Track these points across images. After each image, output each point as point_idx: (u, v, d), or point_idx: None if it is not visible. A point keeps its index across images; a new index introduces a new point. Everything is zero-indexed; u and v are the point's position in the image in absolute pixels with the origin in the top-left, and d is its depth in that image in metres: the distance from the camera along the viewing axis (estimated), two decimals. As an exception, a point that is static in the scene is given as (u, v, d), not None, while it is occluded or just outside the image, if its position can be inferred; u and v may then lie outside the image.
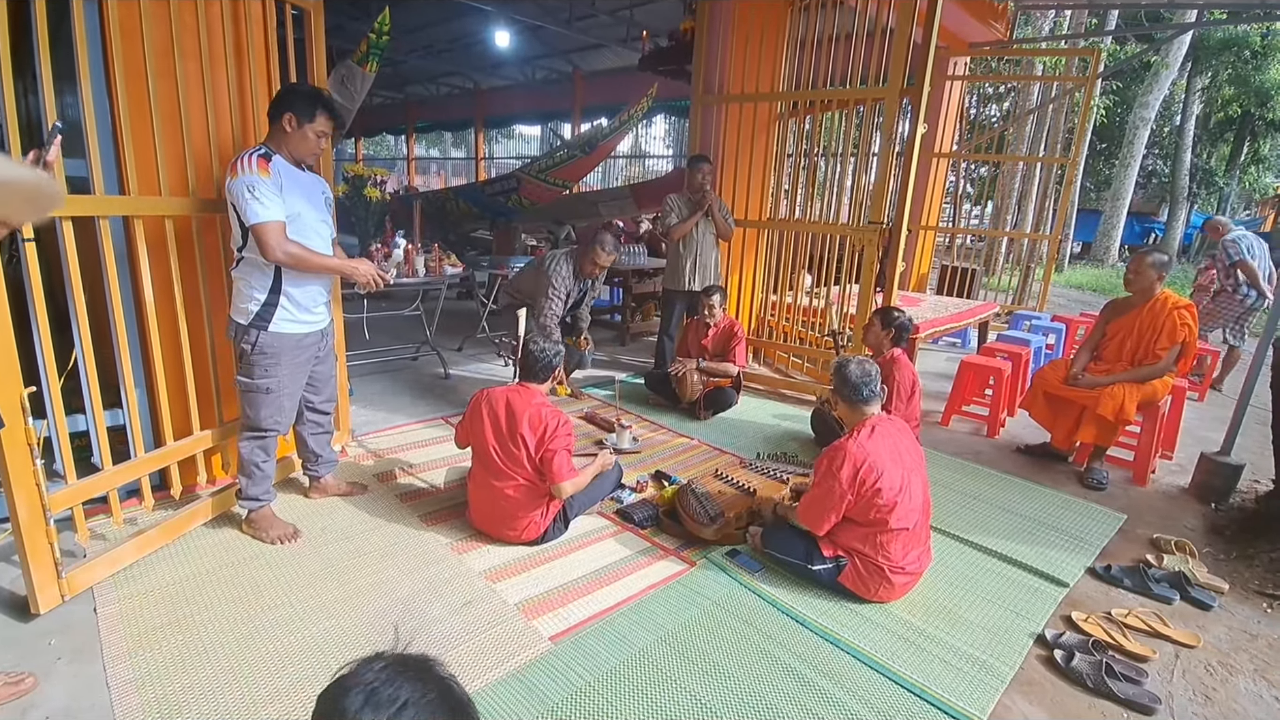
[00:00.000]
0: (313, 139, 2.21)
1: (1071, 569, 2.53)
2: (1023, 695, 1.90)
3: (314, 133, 2.20)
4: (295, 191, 2.20)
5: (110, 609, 2.01)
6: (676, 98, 7.69)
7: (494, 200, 7.25)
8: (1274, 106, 13.61)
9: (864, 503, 2.15)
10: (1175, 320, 3.21)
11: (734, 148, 4.59)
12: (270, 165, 2.11)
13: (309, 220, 2.26)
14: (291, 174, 2.20)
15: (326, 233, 2.38)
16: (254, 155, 2.10)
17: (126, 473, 2.27)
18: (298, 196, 2.21)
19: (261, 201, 2.06)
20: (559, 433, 2.38)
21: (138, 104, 2.20)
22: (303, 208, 2.23)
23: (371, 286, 2.47)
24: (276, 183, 2.11)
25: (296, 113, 2.15)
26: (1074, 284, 12.10)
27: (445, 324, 5.39)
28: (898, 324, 3.22)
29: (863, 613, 2.21)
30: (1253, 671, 2.06)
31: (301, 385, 2.44)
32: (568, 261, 3.83)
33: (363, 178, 6.16)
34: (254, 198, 2.05)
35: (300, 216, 2.22)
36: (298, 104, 2.16)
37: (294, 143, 2.19)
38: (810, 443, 3.66)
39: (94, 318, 2.14)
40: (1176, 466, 3.65)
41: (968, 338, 6.32)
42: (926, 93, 3.58)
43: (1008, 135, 9.01)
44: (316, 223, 2.32)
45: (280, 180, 2.13)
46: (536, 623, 2.07)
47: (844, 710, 1.79)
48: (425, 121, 15.86)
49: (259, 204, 2.06)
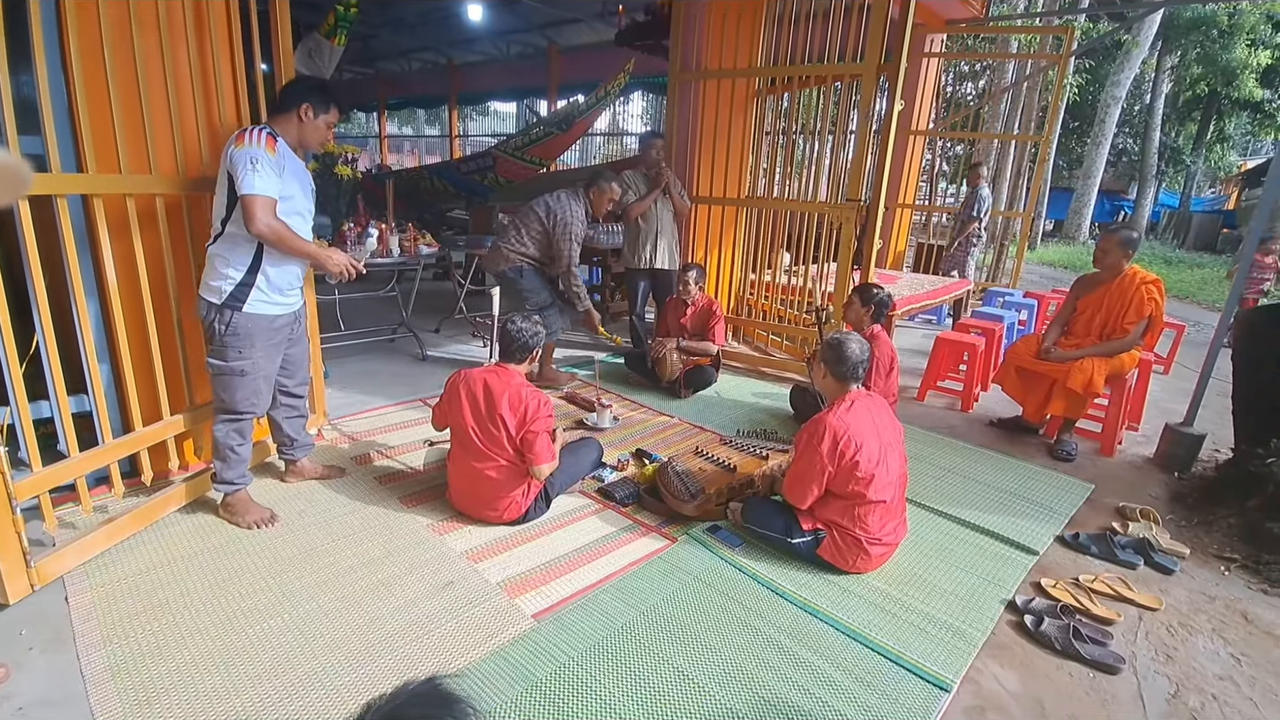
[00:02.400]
0: (324, 130, 2.30)
1: (1041, 537, 2.61)
2: (994, 659, 1.96)
3: (326, 124, 2.29)
4: (293, 176, 2.23)
5: (82, 598, 1.97)
6: (654, 74, 7.60)
7: (469, 179, 7.13)
8: (1239, 85, 13.87)
9: (843, 475, 2.18)
10: (1143, 295, 3.29)
11: (712, 125, 4.55)
12: (277, 145, 2.14)
13: (299, 205, 2.28)
14: (292, 159, 2.24)
15: (309, 220, 2.38)
16: (263, 131, 2.11)
17: (94, 459, 2.22)
18: (294, 181, 2.24)
19: (261, 174, 2.07)
20: (539, 414, 2.37)
21: (94, 79, 2.11)
22: (296, 192, 2.25)
23: (344, 277, 2.44)
24: (279, 163, 2.13)
25: (314, 104, 2.23)
26: (1046, 261, 12.33)
27: (422, 305, 5.32)
28: (877, 300, 3.24)
29: (841, 584, 2.25)
30: (1210, 631, 2.15)
31: (276, 367, 2.40)
32: (576, 201, 3.70)
33: (334, 155, 6.00)
34: (254, 169, 2.06)
35: (293, 199, 2.23)
36: (315, 96, 2.24)
37: (307, 132, 2.26)
38: (790, 419, 3.70)
39: (55, 301, 2.07)
40: (1142, 438, 3.76)
41: (943, 314, 6.41)
42: (903, 70, 3.58)
43: (983, 113, 9.06)
44: (305, 209, 2.33)
45: (284, 162, 2.16)
46: (519, 601, 2.08)
47: (823, 677, 1.84)
48: (397, 98, 15.46)
49: (258, 176, 2.06)
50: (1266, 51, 13.61)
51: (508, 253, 3.77)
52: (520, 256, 3.77)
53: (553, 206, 3.70)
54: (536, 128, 6.78)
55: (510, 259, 3.77)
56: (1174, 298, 8.73)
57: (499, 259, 3.79)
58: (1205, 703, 1.85)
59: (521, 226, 3.78)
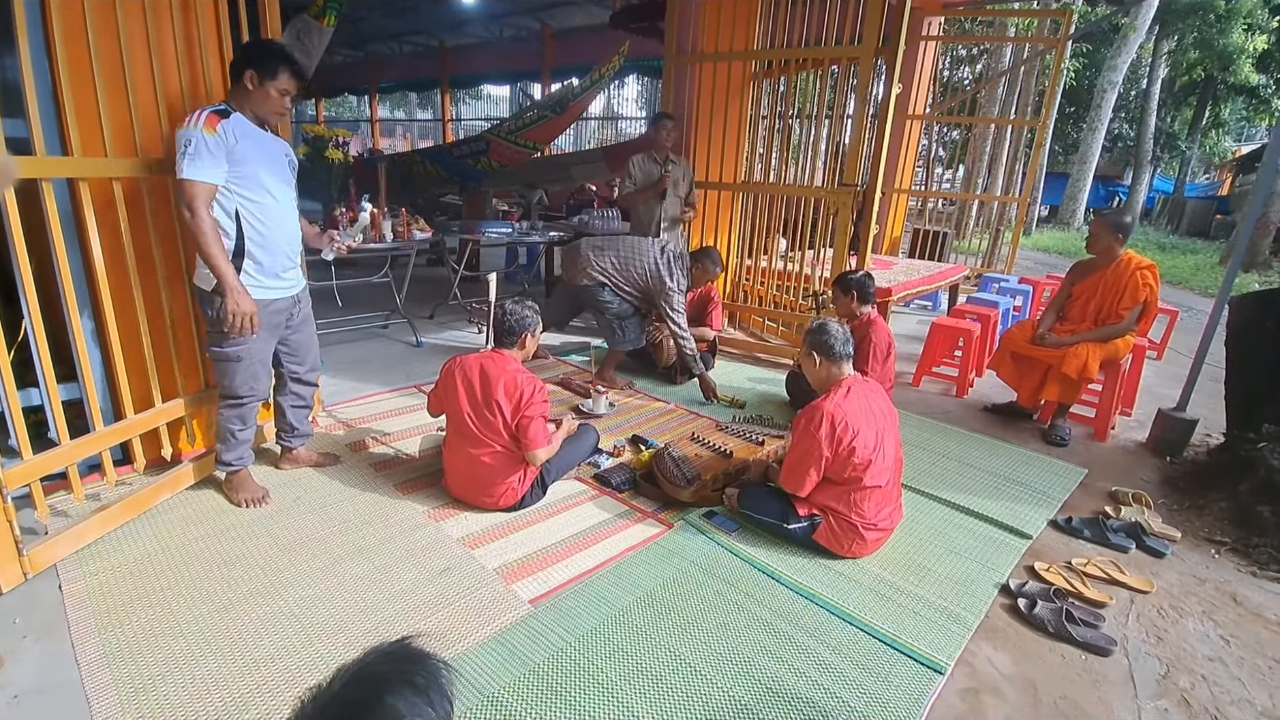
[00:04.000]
0: (275, 97, 2.13)
1: (1035, 522, 2.62)
2: (988, 642, 1.98)
3: (276, 90, 2.12)
4: (255, 152, 2.12)
5: (76, 586, 1.96)
6: (649, 57, 7.49)
7: (462, 163, 7.05)
8: (1235, 70, 13.83)
9: (840, 461, 2.19)
10: (1138, 280, 3.29)
11: (708, 109, 4.51)
12: (222, 124, 2.02)
13: (266, 181, 2.18)
14: (250, 131, 2.12)
15: (285, 196, 2.29)
16: (206, 111, 2.02)
17: (85, 447, 2.20)
18: (256, 157, 2.13)
19: (191, 159, 1.98)
20: (535, 399, 2.36)
21: (77, 60, 2.06)
22: (261, 169, 2.15)
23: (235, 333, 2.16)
24: (222, 143, 2.02)
25: (258, 69, 2.08)
26: (1041, 247, 12.34)
27: (415, 291, 5.27)
28: (855, 284, 3.24)
29: (836, 568, 2.27)
30: (1201, 613, 2.18)
31: (270, 350, 2.38)
32: (681, 270, 3.69)
33: (324, 139, 5.92)
34: (185, 154, 1.98)
35: (254, 176, 2.13)
36: (259, 60, 2.09)
37: (256, 101, 2.12)
38: (785, 405, 3.70)
39: (43, 287, 2.04)
40: (1135, 423, 3.78)
41: (938, 300, 6.41)
42: (901, 53, 3.54)
43: (980, 98, 9.02)
44: (276, 184, 2.23)
45: (230, 141, 2.04)
46: (516, 587, 2.08)
47: (819, 661, 1.85)
48: (389, 81, 15.22)
49: (188, 160, 1.98)
50: (1263, 36, 13.56)
51: (593, 273, 3.72)
52: (608, 281, 3.73)
53: (661, 273, 3.63)
54: (530, 111, 6.70)
55: (595, 279, 3.72)
56: (1167, 284, 8.76)
57: (580, 274, 3.74)
58: (1195, 683, 1.87)
59: (619, 266, 3.71)
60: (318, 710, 0.71)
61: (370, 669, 0.75)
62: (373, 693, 0.72)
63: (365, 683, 0.73)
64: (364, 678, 0.74)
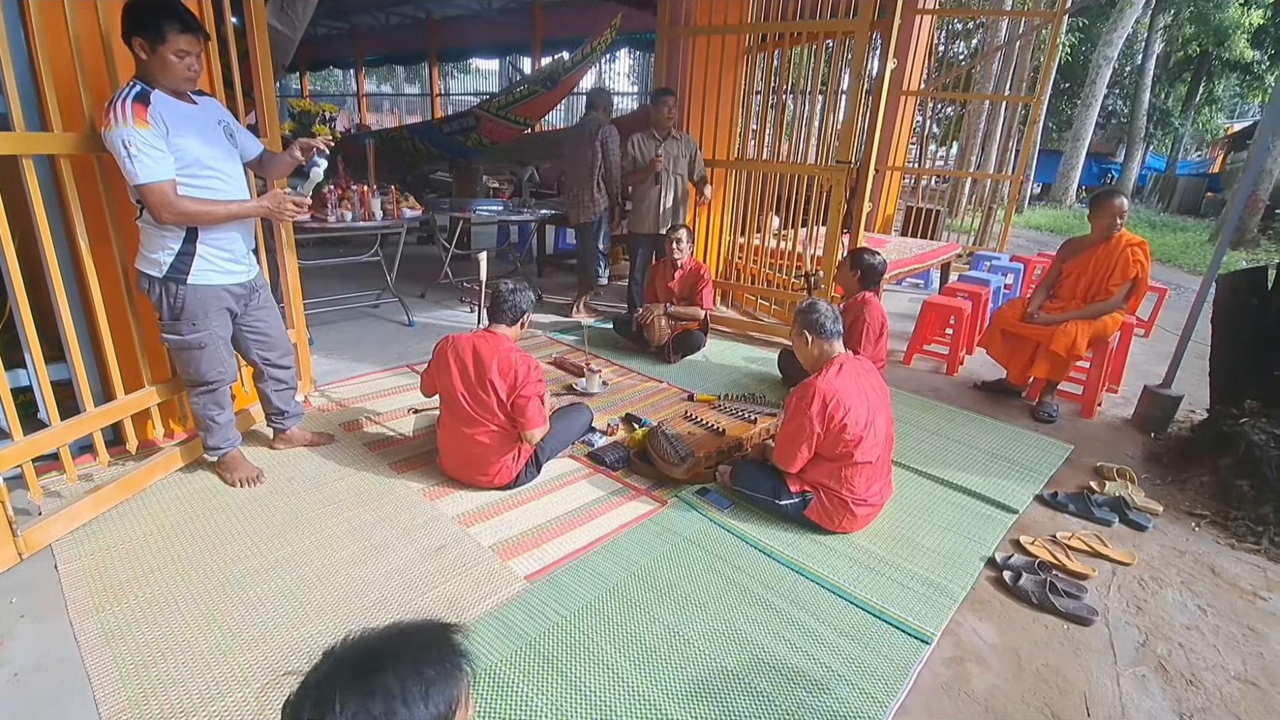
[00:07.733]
0: (175, 63, 1.87)
1: (1021, 497, 2.67)
2: (973, 613, 2.03)
3: (175, 53, 1.86)
4: (186, 132, 1.94)
5: (72, 566, 1.97)
6: (641, 30, 7.38)
7: (452, 139, 6.94)
8: (1231, 45, 13.75)
9: (831, 438, 2.21)
10: (1128, 257, 3.31)
11: (701, 84, 4.45)
12: (149, 112, 1.84)
13: (210, 162, 2.02)
14: (177, 111, 1.94)
15: (234, 169, 2.13)
16: (128, 100, 1.81)
17: (76, 428, 2.19)
18: (190, 137, 1.95)
19: (141, 160, 1.82)
20: (530, 378, 2.36)
21: (54, 31, 2.00)
22: (198, 149, 1.98)
23: (289, 216, 2.18)
24: (159, 131, 1.86)
25: (144, 36, 1.83)
26: (1033, 225, 12.33)
27: (407, 270, 5.23)
28: (865, 265, 3.24)
29: (827, 543, 2.30)
30: (1180, 584, 2.23)
31: (230, 330, 2.27)
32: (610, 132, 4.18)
33: (310, 114, 5.81)
34: (131, 156, 1.81)
35: (198, 161, 1.98)
36: (141, 24, 1.83)
37: (155, 71, 1.88)
38: (778, 383, 3.73)
39: (28, 266, 2.01)
40: (1121, 399, 3.83)
41: (930, 278, 6.43)
42: (897, 26, 3.50)
43: (975, 73, 8.94)
44: (220, 161, 2.06)
45: (163, 127, 1.87)
46: (511, 563, 2.11)
47: (808, 632, 1.89)
48: (375, 55, 14.91)
49: (138, 163, 1.82)
50: (1259, 12, 13.47)
51: (587, 203, 4.34)
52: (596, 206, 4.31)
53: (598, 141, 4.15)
54: (520, 86, 6.58)
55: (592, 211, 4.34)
56: (1157, 261, 8.79)
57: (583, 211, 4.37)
58: (1172, 650, 1.93)
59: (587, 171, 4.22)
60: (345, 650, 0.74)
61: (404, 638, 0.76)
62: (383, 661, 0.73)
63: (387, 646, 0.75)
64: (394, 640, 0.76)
